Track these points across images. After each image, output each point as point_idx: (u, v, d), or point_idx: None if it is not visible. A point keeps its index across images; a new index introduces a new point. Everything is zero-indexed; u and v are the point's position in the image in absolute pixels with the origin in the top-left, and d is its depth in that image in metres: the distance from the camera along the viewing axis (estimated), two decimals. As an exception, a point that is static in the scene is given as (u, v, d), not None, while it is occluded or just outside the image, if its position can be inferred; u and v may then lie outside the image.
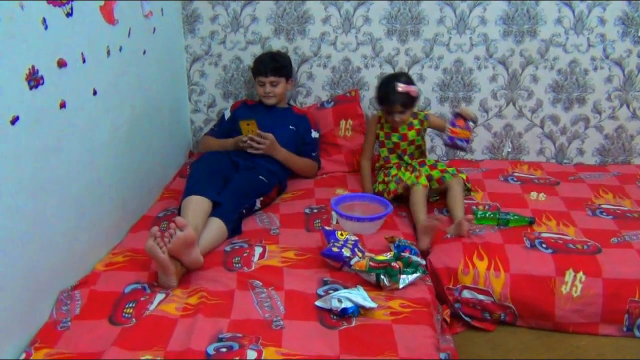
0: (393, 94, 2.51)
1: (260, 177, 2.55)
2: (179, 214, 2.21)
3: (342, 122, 3.04)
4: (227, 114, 2.96)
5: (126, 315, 1.74)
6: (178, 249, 1.87)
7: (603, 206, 2.56)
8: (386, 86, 2.56)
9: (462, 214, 2.36)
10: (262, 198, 2.51)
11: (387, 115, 2.61)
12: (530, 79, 3.09)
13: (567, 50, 3.03)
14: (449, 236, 2.29)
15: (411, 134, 2.65)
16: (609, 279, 2.08)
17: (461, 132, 2.35)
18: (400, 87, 2.50)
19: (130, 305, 1.79)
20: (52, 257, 1.77)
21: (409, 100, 2.54)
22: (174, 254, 1.88)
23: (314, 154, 2.90)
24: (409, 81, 2.57)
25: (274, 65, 2.83)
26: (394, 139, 2.67)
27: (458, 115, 2.39)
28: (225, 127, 2.90)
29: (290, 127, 2.81)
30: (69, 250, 1.88)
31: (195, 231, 1.98)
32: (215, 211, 2.24)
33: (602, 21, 2.96)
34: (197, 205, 2.20)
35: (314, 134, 2.93)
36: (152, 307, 1.79)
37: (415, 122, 2.66)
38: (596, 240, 2.25)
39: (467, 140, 2.38)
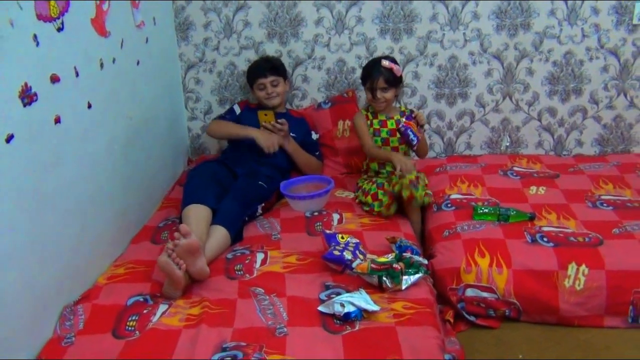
0: (377, 69, 2.55)
1: (260, 182, 2.55)
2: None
3: (340, 123, 3.05)
4: (237, 109, 2.95)
5: (129, 328, 1.74)
6: (182, 257, 1.86)
7: (603, 197, 2.55)
8: (372, 63, 2.64)
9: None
10: (263, 204, 2.51)
11: (370, 97, 2.61)
12: (526, 72, 3.08)
13: (561, 41, 3.02)
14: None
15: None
16: (612, 270, 2.07)
17: (414, 127, 2.50)
18: (385, 62, 2.55)
19: (133, 318, 1.79)
20: (54, 272, 1.77)
21: (393, 77, 2.56)
22: (178, 262, 1.86)
23: (317, 153, 2.92)
24: (394, 62, 2.61)
25: (270, 65, 2.86)
26: (383, 134, 2.65)
27: (414, 116, 2.52)
28: (235, 121, 2.88)
29: (291, 134, 2.79)
30: (71, 265, 1.87)
31: (200, 240, 1.97)
32: (218, 219, 2.23)
33: (595, 11, 2.95)
34: (198, 214, 2.20)
35: (314, 136, 2.94)
36: (155, 319, 1.78)
37: (403, 119, 2.59)
38: (597, 232, 2.24)
39: (417, 138, 2.48)
